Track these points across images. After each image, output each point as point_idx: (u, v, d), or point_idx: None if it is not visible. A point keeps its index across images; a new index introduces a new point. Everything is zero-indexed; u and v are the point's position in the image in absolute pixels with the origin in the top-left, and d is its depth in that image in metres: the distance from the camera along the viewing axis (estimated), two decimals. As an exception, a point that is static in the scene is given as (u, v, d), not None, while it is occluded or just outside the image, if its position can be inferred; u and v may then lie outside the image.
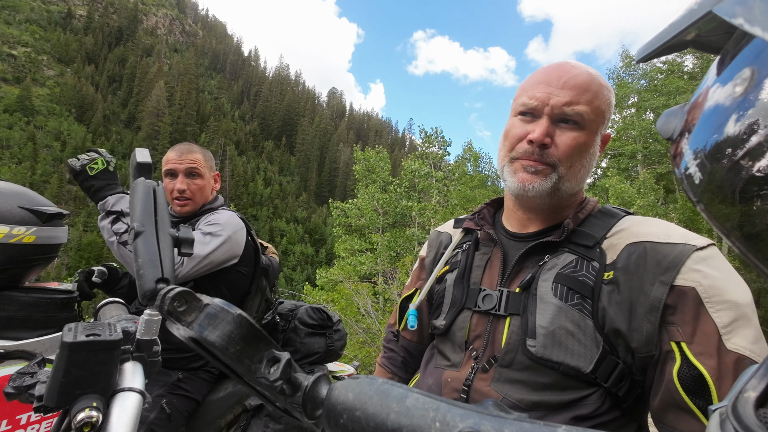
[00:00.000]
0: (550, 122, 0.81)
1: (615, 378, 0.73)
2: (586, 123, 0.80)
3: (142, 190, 0.68)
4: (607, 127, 0.87)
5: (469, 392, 0.82)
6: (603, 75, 0.85)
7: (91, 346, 0.50)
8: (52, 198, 12.12)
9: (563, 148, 0.80)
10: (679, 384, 0.65)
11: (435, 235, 1.12)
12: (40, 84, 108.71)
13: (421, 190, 17.04)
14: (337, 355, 2.08)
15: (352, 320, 9.47)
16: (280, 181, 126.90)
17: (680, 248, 0.70)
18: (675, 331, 0.67)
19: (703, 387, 0.63)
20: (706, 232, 9.94)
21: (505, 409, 0.32)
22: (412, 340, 1.10)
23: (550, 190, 0.82)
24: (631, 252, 0.75)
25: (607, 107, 0.83)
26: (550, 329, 0.76)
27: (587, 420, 0.74)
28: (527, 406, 0.76)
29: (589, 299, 0.75)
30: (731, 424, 0.23)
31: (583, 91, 0.80)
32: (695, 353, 0.65)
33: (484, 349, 0.84)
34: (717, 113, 0.25)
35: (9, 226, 1.19)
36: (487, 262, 0.92)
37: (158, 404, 1.54)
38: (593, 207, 0.88)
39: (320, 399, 0.42)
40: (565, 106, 0.79)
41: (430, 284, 1.01)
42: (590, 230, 0.82)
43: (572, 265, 0.79)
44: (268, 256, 2.04)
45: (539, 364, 0.76)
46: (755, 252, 0.24)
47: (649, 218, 0.82)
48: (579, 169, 0.83)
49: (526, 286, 0.82)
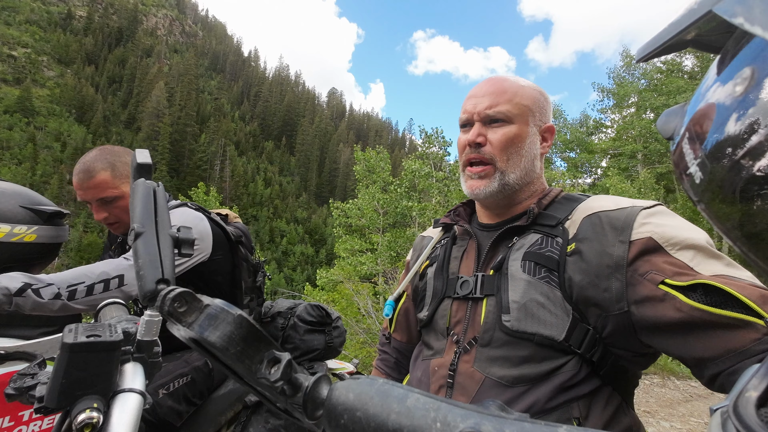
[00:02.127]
0: (481, 125, 0.93)
1: (587, 344, 0.77)
2: (512, 117, 0.91)
3: (143, 191, 0.68)
4: (543, 120, 0.96)
5: (455, 377, 0.85)
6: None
7: (91, 347, 0.50)
8: (52, 198, 12.11)
9: (496, 144, 0.91)
10: (704, 305, 0.63)
11: (419, 240, 1.18)
12: (40, 85, 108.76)
13: (422, 190, 17.02)
14: (336, 352, 2.09)
15: (352, 320, 9.47)
16: (280, 181, 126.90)
17: (629, 210, 0.77)
18: (654, 275, 0.69)
19: (725, 296, 0.61)
20: (707, 232, 9.93)
21: (506, 408, 0.32)
22: (402, 340, 1.14)
23: (498, 189, 0.92)
24: (588, 224, 0.81)
25: (531, 102, 0.93)
26: (521, 303, 0.81)
27: (569, 389, 0.76)
28: (509, 382, 0.79)
29: (556, 272, 0.80)
30: (733, 423, 0.23)
31: (501, 93, 0.93)
32: (686, 280, 0.66)
33: (465, 333, 0.88)
34: (717, 113, 0.25)
35: (10, 224, 1.19)
36: (464, 253, 0.98)
37: (203, 359, 1.58)
38: (557, 194, 0.95)
39: (321, 399, 0.42)
40: (488, 108, 0.92)
41: (411, 276, 1.08)
42: (554, 213, 0.89)
43: (538, 243, 0.85)
44: (233, 224, 1.94)
45: (515, 338, 0.80)
46: (756, 251, 0.24)
47: (603, 195, 0.88)
48: (518, 159, 0.92)
49: (498, 267, 0.87)
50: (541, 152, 0.97)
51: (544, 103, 0.96)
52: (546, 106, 0.97)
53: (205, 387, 1.63)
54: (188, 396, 1.54)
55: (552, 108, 1.00)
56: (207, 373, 1.63)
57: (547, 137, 0.97)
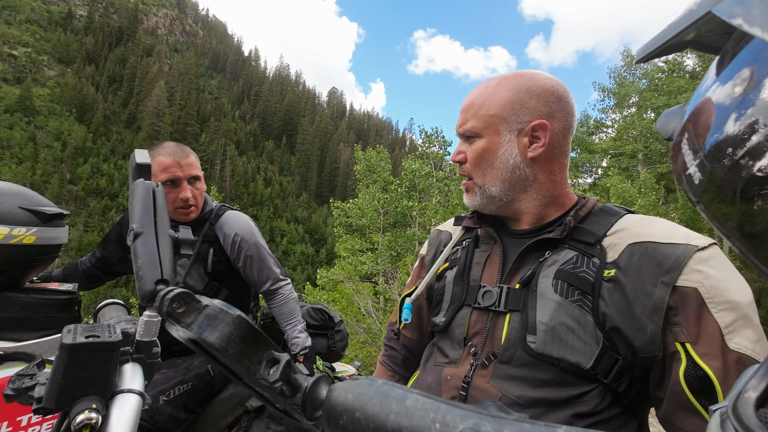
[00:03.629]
0: (462, 142, 0.94)
1: (615, 374, 0.73)
2: (479, 131, 0.89)
3: (142, 191, 0.68)
4: (524, 120, 0.86)
5: (468, 389, 0.82)
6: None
7: (90, 347, 0.50)
8: (52, 198, 12.15)
9: (470, 160, 0.91)
10: (686, 385, 0.66)
11: (435, 234, 1.12)
12: (41, 84, 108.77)
13: (422, 190, 17.02)
14: (338, 356, 2.08)
15: (353, 320, 9.47)
16: (280, 181, 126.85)
17: (682, 249, 0.70)
18: (679, 332, 0.68)
19: (709, 387, 0.64)
20: (707, 232, 9.93)
21: (505, 409, 0.32)
22: (412, 338, 1.10)
23: (485, 202, 0.91)
24: (633, 252, 0.75)
25: (501, 108, 0.87)
26: (550, 325, 0.76)
27: (588, 417, 0.74)
28: (527, 403, 0.76)
29: (590, 295, 0.76)
30: (732, 424, 0.23)
31: (468, 108, 0.91)
32: (700, 354, 0.65)
33: (483, 346, 0.84)
34: (717, 113, 0.25)
35: (9, 226, 1.18)
36: (487, 259, 0.92)
37: (205, 366, 1.62)
38: (593, 205, 0.88)
39: (320, 400, 0.42)
40: (460, 127, 0.93)
41: (428, 279, 1.02)
42: (591, 227, 0.82)
43: (573, 261, 0.79)
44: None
45: (539, 360, 0.76)
46: (755, 252, 0.24)
47: (651, 217, 0.82)
48: (494, 172, 0.88)
49: (527, 283, 0.82)
50: (531, 156, 0.86)
51: (526, 101, 0.86)
52: (529, 103, 0.86)
53: (205, 395, 1.63)
54: (188, 404, 1.54)
55: (553, 98, 0.87)
56: (208, 381, 1.63)
57: (539, 135, 0.85)
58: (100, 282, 1.95)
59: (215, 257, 1.71)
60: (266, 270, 1.77)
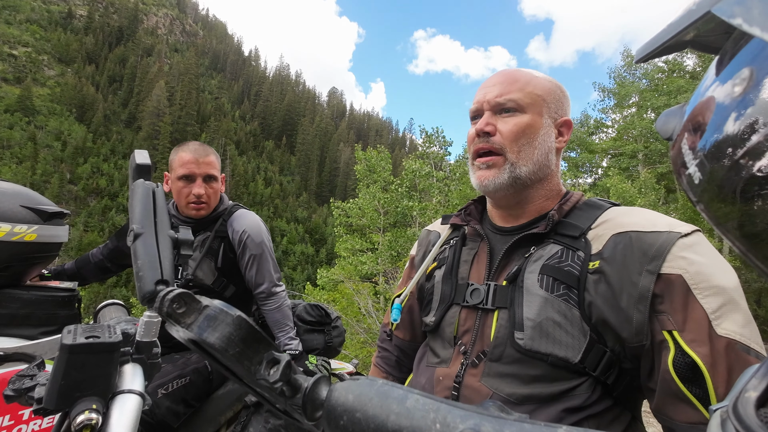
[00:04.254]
0: (491, 114, 0.88)
1: (603, 366, 0.73)
2: (524, 107, 0.86)
3: (142, 191, 0.68)
4: (559, 113, 0.90)
5: (460, 389, 0.82)
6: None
7: (90, 348, 0.50)
8: (52, 198, 12.14)
9: (507, 134, 0.85)
10: (675, 373, 0.65)
11: (425, 234, 1.12)
12: (41, 84, 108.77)
13: (422, 190, 17.01)
14: (335, 352, 2.09)
15: (353, 320, 9.47)
16: (280, 180, 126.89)
17: (665, 236, 0.71)
18: (666, 320, 0.68)
19: (698, 374, 0.64)
20: (707, 232, 9.93)
21: (505, 409, 0.32)
22: (405, 339, 1.10)
23: (509, 182, 0.85)
24: (617, 242, 0.75)
25: (545, 92, 0.88)
26: (537, 321, 0.76)
27: (579, 411, 0.74)
28: (518, 400, 0.76)
29: (575, 289, 0.76)
30: (732, 424, 0.23)
31: (513, 81, 0.88)
32: (687, 341, 0.65)
33: (473, 344, 0.84)
34: (716, 113, 0.25)
35: (11, 224, 1.20)
36: (474, 257, 0.93)
37: (203, 362, 1.65)
38: (578, 199, 0.89)
39: (320, 400, 0.42)
40: (498, 97, 0.87)
41: (417, 279, 1.02)
42: (576, 221, 0.83)
43: (558, 255, 0.80)
44: None
45: (528, 357, 0.77)
46: (755, 252, 0.24)
47: (635, 208, 0.82)
48: (531, 151, 0.86)
49: (513, 279, 0.82)
50: (557, 147, 0.89)
51: (560, 95, 0.90)
52: (562, 99, 0.91)
53: (203, 390, 1.64)
54: (186, 398, 1.55)
55: (569, 104, 0.93)
56: (206, 376, 1.65)
57: (564, 132, 0.90)
58: (111, 274, 1.99)
59: (226, 253, 1.75)
60: (265, 273, 1.78)
